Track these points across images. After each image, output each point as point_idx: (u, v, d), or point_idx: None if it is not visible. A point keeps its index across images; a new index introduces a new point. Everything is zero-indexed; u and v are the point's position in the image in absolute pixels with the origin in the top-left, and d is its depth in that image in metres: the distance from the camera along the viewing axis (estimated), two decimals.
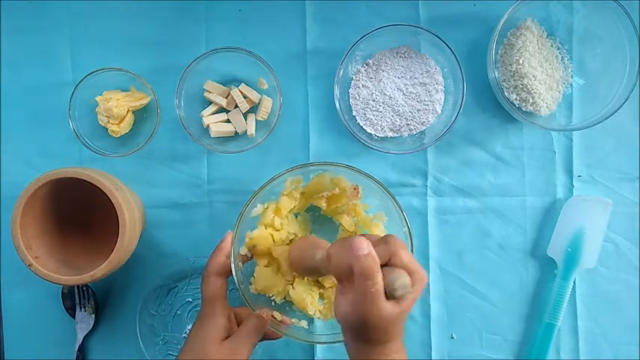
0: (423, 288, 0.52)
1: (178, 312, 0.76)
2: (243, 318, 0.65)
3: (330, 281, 0.68)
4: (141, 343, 0.73)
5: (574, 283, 0.74)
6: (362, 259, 0.48)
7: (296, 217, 0.72)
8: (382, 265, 0.50)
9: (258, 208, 0.66)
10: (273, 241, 0.66)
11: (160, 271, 0.74)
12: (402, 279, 0.49)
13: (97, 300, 0.75)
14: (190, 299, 0.76)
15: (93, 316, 0.75)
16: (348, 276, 0.50)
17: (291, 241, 0.68)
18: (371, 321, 0.49)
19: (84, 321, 0.75)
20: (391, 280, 0.48)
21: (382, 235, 0.53)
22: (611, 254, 0.75)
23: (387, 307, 0.49)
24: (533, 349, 0.74)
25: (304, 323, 0.68)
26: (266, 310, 0.63)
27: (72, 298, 0.75)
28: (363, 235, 0.52)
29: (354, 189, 0.67)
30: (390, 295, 0.49)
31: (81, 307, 0.75)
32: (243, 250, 0.66)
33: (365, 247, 0.49)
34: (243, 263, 0.66)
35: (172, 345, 0.75)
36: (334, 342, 0.64)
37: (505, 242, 0.76)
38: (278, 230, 0.67)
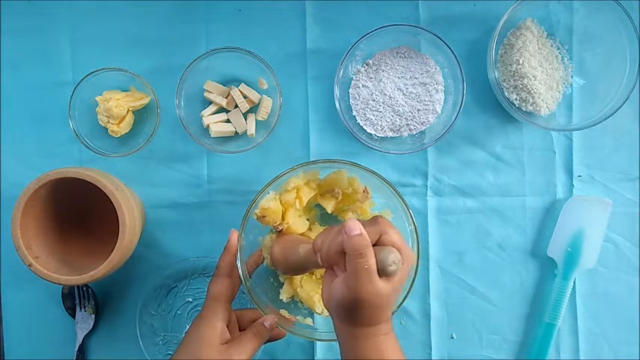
0: (412, 266, 0.55)
1: (178, 312, 0.76)
2: (246, 322, 0.65)
3: None
4: (141, 343, 0.73)
5: (574, 283, 0.74)
6: (354, 239, 0.50)
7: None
8: (373, 245, 0.52)
9: (271, 195, 0.65)
10: (284, 219, 0.66)
11: (160, 271, 0.74)
12: (393, 254, 0.51)
13: (97, 300, 0.75)
14: (190, 299, 0.76)
15: (93, 316, 0.75)
16: (339, 259, 0.52)
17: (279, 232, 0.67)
18: (366, 298, 0.51)
19: (84, 321, 0.75)
20: (383, 257, 0.51)
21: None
22: (611, 254, 0.75)
23: (381, 285, 0.51)
24: (533, 349, 0.74)
25: (309, 321, 0.68)
26: (271, 317, 0.63)
27: (72, 298, 0.75)
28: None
29: (364, 191, 0.67)
30: (382, 271, 0.51)
31: (81, 307, 0.75)
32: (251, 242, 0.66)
33: (357, 227, 0.51)
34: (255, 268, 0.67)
35: (172, 345, 0.75)
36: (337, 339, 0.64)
37: (505, 242, 0.76)
38: (292, 209, 0.67)
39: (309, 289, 0.67)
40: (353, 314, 0.52)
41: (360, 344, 0.53)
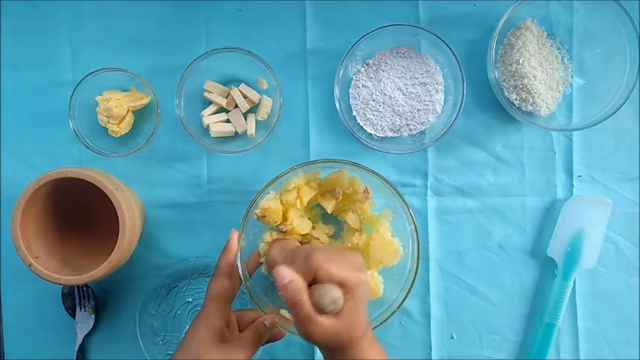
0: (363, 292, 0.52)
1: (178, 312, 0.76)
2: (246, 323, 0.65)
3: None
4: (141, 343, 0.74)
5: (574, 283, 0.74)
6: (284, 290, 0.50)
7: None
8: (312, 283, 0.50)
9: (271, 195, 0.65)
10: (285, 219, 0.66)
11: (160, 271, 0.74)
12: (329, 294, 0.49)
13: (97, 300, 0.75)
14: (190, 299, 0.76)
15: (93, 316, 0.75)
16: None
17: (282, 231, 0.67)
18: (318, 339, 0.50)
19: (84, 321, 0.75)
20: (318, 297, 0.49)
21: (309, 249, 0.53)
22: (611, 254, 0.75)
23: (326, 323, 0.49)
24: (533, 349, 0.74)
25: None
26: (271, 316, 0.63)
27: (72, 298, 0.75)
28: (295, 249, 0.53)
29: (365, 192, 0.67)
30: (321, 312, 0.49)
31: (81, 307, 0.75)
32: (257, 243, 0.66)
33: (286, 275, 0.50)
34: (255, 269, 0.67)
35: (172, 345, 0.75)
36: None
37: (505, 242, 0.76)
38: (293, 209, 0.67)
39: None
40: (321, 348, 0.53)
41: None
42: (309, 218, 0.70)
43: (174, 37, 0.75)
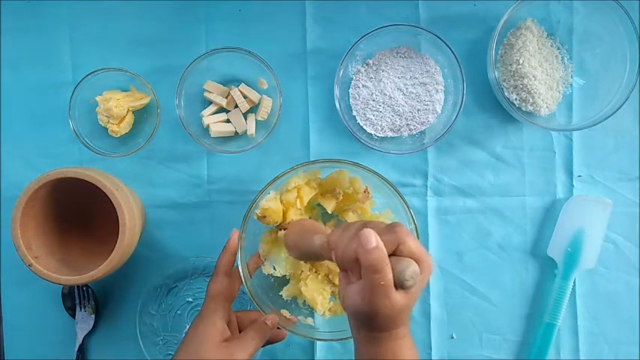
0: (430, 275, 0.51)
1: (178, 312, 0.76)
2: (247, 324, 0.64)
3: None
4: (141, 343, 0.73)
5: (574, 283, 0.74)
6: (370, 253, 0.47)
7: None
8: (390, 255, 0.48)
9: (271, 195, 0.65)
10: (285, 219, 0.66)
11: (160, 271, 0.74)
12: (410, 268, 0.47)
13: (97, 300, 0.75)
14: (190, 299, 0.76)
15: (93, 316, 0.75)
16: (354, 266, 0.49)
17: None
18: (382, 312, 0.48)
19: (84, 321, 0.75)
20: (400, 271, 0.47)
21: (388, 223, 0.52)
22: (611, 254, 0.75)
23: (398, 298, 0.48)
24: (533, 349, 0.75)
25: (310, 320, 0.68)
26: (272, 316, 0.63)
27: (72, 298, 0.75)
28: (369, 222, 0.51)
29: (365, 192, 0.67)
30: (399, 285, 0.48)
31: (81, 307, 0.75)
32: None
33: (373, 240, 0.47)
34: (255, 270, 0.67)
35: (172, 345, 0.75)
36: (337, 339, 0.65)
37: (505, 242, 0.76)
38: (293, 208, 0.66)
39: (314, 289, 0.67)
40: (368, 323, 0.51)
41: (375, 348, 0.52)
42: (310, 218, 0.70)
43: (174, 37, 0.75)
